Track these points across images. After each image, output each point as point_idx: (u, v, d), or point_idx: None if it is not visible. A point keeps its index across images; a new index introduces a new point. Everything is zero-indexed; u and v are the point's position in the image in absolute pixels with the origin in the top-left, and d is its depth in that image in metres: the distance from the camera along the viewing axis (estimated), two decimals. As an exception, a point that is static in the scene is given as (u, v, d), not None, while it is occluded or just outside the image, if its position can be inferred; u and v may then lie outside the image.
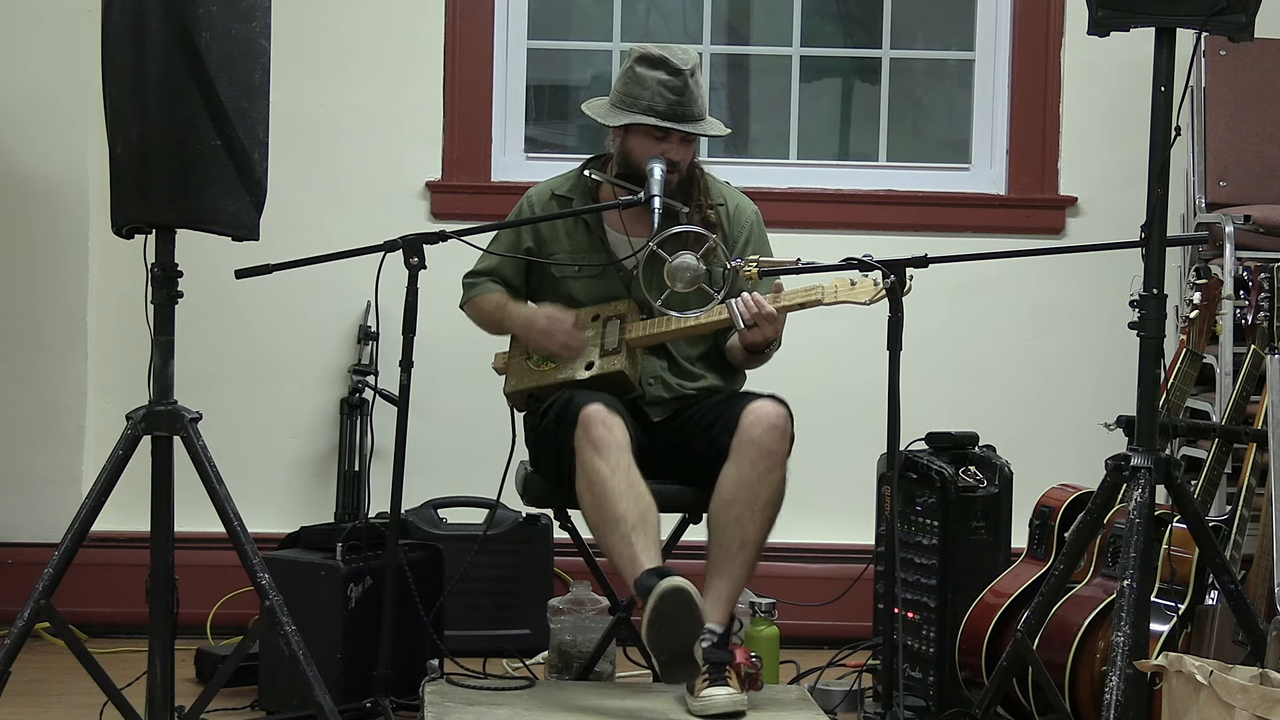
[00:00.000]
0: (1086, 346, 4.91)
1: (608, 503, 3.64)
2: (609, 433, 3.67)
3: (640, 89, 3.85)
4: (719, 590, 3.72)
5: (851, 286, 3.73)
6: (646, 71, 3.85)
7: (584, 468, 3.68)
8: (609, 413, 3.69)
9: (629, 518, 3.63)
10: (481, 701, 3.65)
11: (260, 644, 3.82)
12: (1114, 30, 3.12)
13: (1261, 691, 2.72)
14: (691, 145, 3.91)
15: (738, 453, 3.73)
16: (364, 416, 4.67)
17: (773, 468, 3.73)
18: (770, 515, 3.75)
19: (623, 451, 3.67)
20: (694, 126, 3.85)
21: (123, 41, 3.16)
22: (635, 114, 3.85)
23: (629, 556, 3.62)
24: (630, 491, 3.65)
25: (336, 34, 4.86)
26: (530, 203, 4.07)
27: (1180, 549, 3.56)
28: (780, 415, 3.76)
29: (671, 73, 3.83)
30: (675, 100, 3.83)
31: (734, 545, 3.72)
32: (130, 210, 3.21)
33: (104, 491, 3.26)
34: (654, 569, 3.56)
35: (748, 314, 3.75)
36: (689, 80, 3.84)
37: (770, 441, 3.73)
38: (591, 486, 3.67)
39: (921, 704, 3.96)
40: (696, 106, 3.86)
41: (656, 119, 3.82)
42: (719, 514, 3.75)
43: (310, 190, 4.79)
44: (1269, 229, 4.50)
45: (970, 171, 5.05)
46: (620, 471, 3.65)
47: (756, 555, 3.76)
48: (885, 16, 5.07)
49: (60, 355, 4.75)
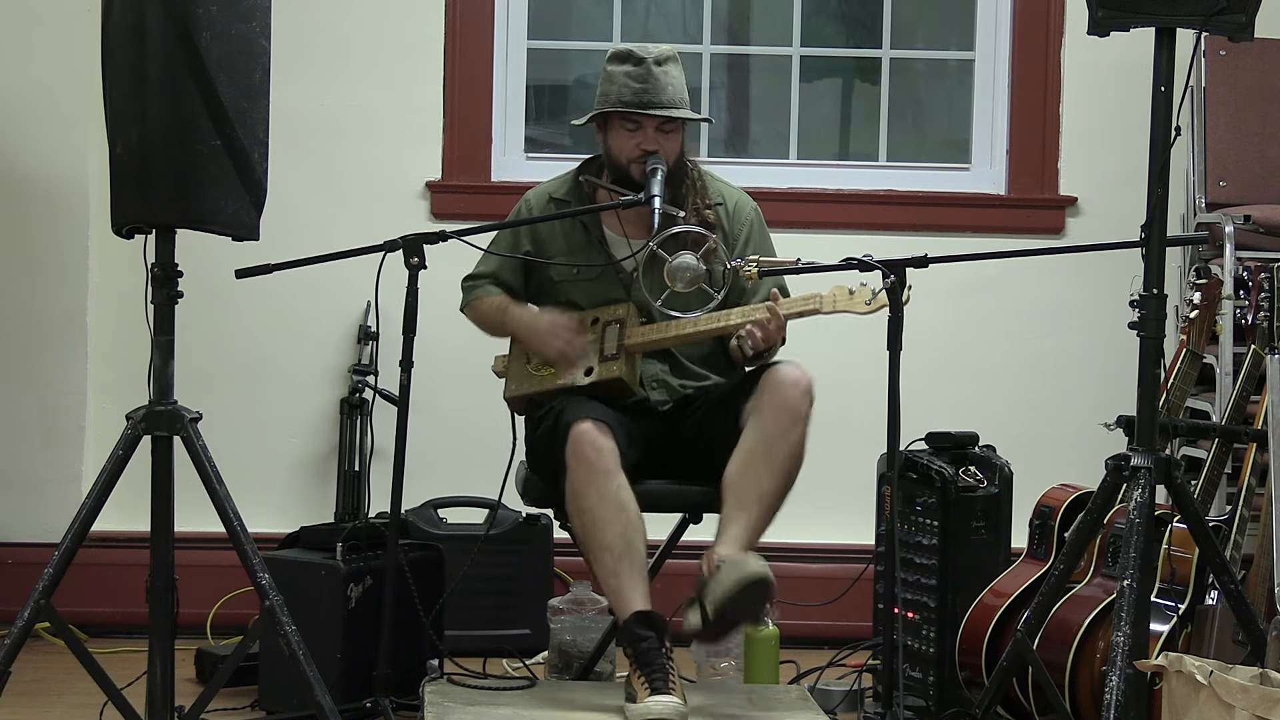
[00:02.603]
0: (1086, 346, 4.91)
1: (594, 530, 3.65)
2: (598, 456, 3.65)
3: (609, 85, 3.88)
4: (733, 532, 3.65)
5: (850, 296, 3.73)
6: (615, 67, 3.88)
7: (572, 488, 3.68)
8: (599, 433, 3.67)
9: (615, 548, 3.63)
10: (481, 701, 3.65)
11: (260, 644, 3.82)
12: (1114, 30, 3.12)
13: (1261, 691, 2.72)
14: (672, 137, 3.89)
15: (758, 413, 3.71)
16: (364, 416, 4.67)
17: (794, 422, 3.70)
18: (789, 470, 3.70)
19: (610, 475, 3.65)
20: (660, 111, 3.85)
21: (123, 41, 3.16)
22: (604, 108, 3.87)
23: (614, 589, 3.64)
24: (618, 517, 3.64)
25: (336, 34, 4.86)
26: (528, 205, 4.07)
27: (1180, 549, 3.56)
28: (803, 374, 3.75)
29: (635, 63, 3.86)
30: (640, 88, 3.84)
31: (751, 496, 3.67)
32: (130, 210, 3.21)
33: (104, 491, 3.26)
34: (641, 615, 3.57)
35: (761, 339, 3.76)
36: (653, 68, 3.84)
37: (792, 397, 3.71)
38: (580, 512, 3.67)
39: (921, 704, 3.96)
40: (665, 94, 3.85)
41: (621, 107, 3.84)
42: (735, 471, 3.70)
43: (310, 190, 4.79)
44: (1269, 229, 4.50)
45: (970, 171, 5.06)
46: (608, 498, 3.64)
47: (773, 509, 3.71)
48: (885, 16, 5.07)
49: (60, 355, 4.75)
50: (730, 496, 3.70)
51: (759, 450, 3.69)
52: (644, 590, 3.64)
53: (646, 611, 3.59)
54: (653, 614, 3.60)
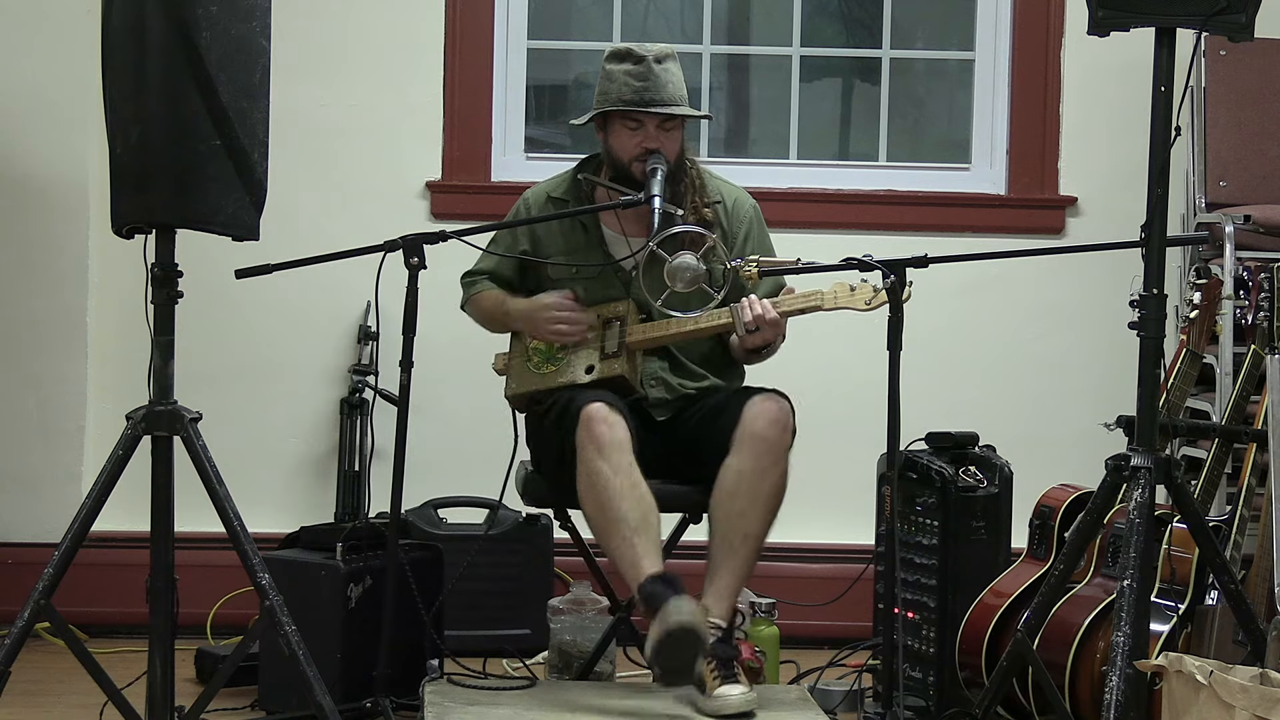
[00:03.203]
0: (1086, 346, 4.91)
1: (610, 504, 3.65)
2: (611, 431, 3.67)
3: (609, 83, 3.88)
4: (721, 585, 3.72)
5: (851, 292, 3.74)
6: (614, 66, 3.89)
7: (585, 467, 3.68)
8: (610, 411, 3.69)
9: (631, 519, 3.64)
10: (481, 701, 3.65)
11: (260, 644, 3.82)
12: (1114, 30, 3.12)
13: (1261, 691, 2.72)
14: (673, 134, 3.89)
15: (739, 446, 3.74)
16: (364, 416, 4.68)
17: (775, 461, 3.74)
18: (772, 508, 3.75)
19: (624, 450, 3.67)
20: (662, 109, 3.85)
21: (123, 41, 3.16)
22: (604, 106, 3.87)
23: (631, 560, 3.62)
24: (632, 492, 3.65)
25: (336, 34, 4.86)
26: (527, 204, 4.07)
27: (1180, 549, 3.56)
28: (782, 409, 3.77)
29: (635, 61, 3.86)
30: (640, 86, 3.84)
31: (736, 539, 3.73)
32: (130, 210, 3.21)
33: (104, 491, 3.26)
34: (656, 575, 3.57)
35: (750, 318, 3.76)
36: (652, 66, 3.85)
37: (772, 435, 3.73)
38: (593, 487, 3.67)
39: (921, 704, 3.96)
40: (665, 92, 3.85)
41: (622, 106, 3.84)
42: (721, 507, 3.75)
43: (310, 190, 4.79)
44: (1269, 229, 4.50)
45: (970, 171, 5.05)
46: (622, 472, 3.66)
47: (759, 549, 3.77)
48: (885, 16, 5.07)
49: (60, 355, 4.75)
50: (717, 537, 3.75)
51: (743, 488, 3.73)
52: (659, 560, 3.63)
53: (663, 573, 3.58)
54: (669, 575, 3.57)
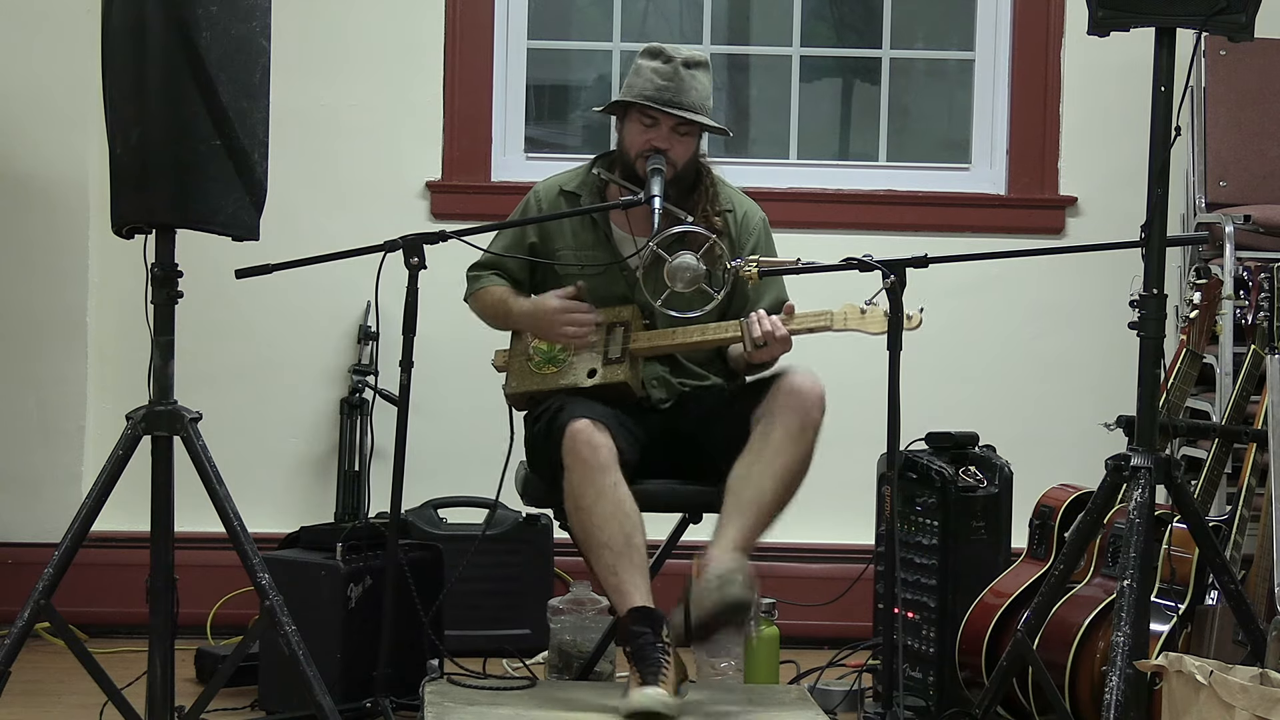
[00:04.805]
0: (1086, 346, 4.91)
1: (593, 528, 3.63)
2: (594, 453, 3.64)
3: (636, 77, 3.88)
4: (727, 537, 3.63)
5: (861, 315, 3.72)
6: (645, 62, 3.89)
7: (569, 488, 3.67)
8: (595, 430, 3.65)
9: (614, 545, 3.62)
10: (481, 701, 3.65)
11: (260, 644, 3.82)
12: (1114, 30, 3.12)
13: (1261, 691, 2.72)
14: (686, 141, 3.88)
15: (768, 417, 3.70)
16: (364, 416, 4.67)
17: (804, 430, 3.69)
18: (793, 477, 3.69)
19: (608, 471, 3.64)
20: (678, 111, 3.84)
21: (123, 41, 3.16)
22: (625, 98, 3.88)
23: (614, 587, 3.62)
24: (615, 514, 3.63)
25: (336, 34, 4.86)
26: (538, 197, 4.06)
27: (1180, 549, 3.56)
28: (815, 383, 3.73)
29: (665, 61, 3.86)
30: (663, 85, 3.84)
31: (750, 500, 3.66)
32: (130, 210, 3.21)
33: (104, 491, 3.26)
34: (639, 611, 3.56)
35: (759, 333, 3.73)
36: (680, 69, 3.84)
37: (804, 405, 3.70)
38: (578, 509, 3.66)
39: (921, 704, 3.96)
40: (688, 96, 3.84)
41: (642, 100, 3.84)
42: (738, 474, 3.68)
43: (310, 190, 4.79)
44: (1269, 229, 4.50)
45: (970, 171, 5.06)
46: (605, 495, 3.63)
47: (773, 514, 3.68)
48: (885, 17, 5.07)
49: (60, 355, 4.75)
50: (730, 498, 3.69)
51: (764, 455, 3.69)
52: (644, 586, 3.62)
53: (644, 607, 3.59)
54: (651, 609, 3.59)
